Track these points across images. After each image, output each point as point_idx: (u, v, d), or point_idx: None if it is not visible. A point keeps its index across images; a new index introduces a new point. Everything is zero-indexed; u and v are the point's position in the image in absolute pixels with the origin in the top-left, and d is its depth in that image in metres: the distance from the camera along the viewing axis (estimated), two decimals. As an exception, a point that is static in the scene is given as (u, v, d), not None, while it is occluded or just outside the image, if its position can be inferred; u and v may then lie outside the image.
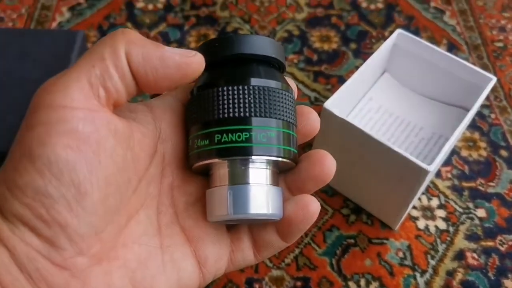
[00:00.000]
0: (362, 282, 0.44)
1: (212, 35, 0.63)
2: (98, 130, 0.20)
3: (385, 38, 0.64)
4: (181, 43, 0.62)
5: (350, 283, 0.44)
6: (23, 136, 0.19)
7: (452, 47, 0.64)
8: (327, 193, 0.49)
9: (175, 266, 0.23)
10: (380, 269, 0.45)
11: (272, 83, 0.23)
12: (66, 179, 0.19)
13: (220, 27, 0.64)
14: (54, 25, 0.62)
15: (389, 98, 0.54)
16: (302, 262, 0.45)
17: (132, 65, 0.21)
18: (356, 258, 0.45)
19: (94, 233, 0.20)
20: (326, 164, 0.24)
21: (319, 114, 0.28)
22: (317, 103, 0.57)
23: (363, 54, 0.62)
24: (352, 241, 0.46)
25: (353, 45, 0.63)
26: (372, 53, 0.48)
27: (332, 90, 0.58)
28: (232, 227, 0.26)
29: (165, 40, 0.62)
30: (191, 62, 0.22)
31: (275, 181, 0.24)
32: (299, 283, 0.43)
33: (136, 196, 0.23)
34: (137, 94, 0.22)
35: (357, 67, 0.60)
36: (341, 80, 0.59)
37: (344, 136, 0.43)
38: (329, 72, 0.60)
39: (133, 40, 0.21)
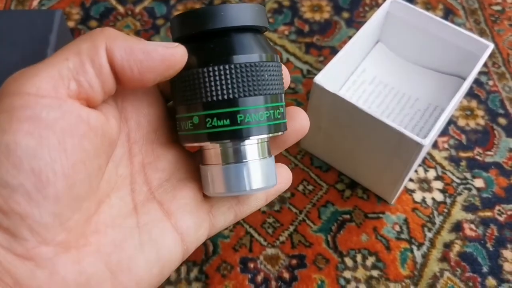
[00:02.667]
0: (359, 258, 0.43)
1: (200, 8, 0.61)
2: (65, 117, 0.19)
3: (379, 6, 0.62)
4: (167, 19, 0.60)
5: (346, 259, 0.43)
6: None
7: (449, 12, 0.62)
8: (321, 169, 0.48)
9: (154, 244, 0.23)
10: (376, 244, 0.44)
11: (255, 57, 0.22)
12: (25, 167, 0.18)
13: (208, 0, 0.62)
14: (35, 3, 0.59)
15: (383, 69, 0.52)
16: (297, 240, 0.44)
17: (115, 60, 0.20)
18: (352, 234, 0.44)
19: (58, 223, 0.19)
20: (304, 118, 0.26)
21: (309, 91, 0.27)
22: (309, 76, 0.55)
23: (356, 23, 0.60)
24: (347, 216, 0.46)
25: (345, 14, 0.61)
26: (365, 21, 0.47)
27: (325, 62, 0.56)
28: None
29: (151, 16, 0.60)
30: (175, 52, 0.21)
31: (268, 151, 0.24)
32: (294, 261, 0.43)
33: (106, 181, 0.22)
34: (114, 91, 0.21)
35: (350, 37, 0.58)
36: (334, 51, 0.57)
37: (336, 111, 0.42)
38: (321, 43, 0.58)
39: (114, 36, 0.20)
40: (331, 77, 0.43)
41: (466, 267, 0.43)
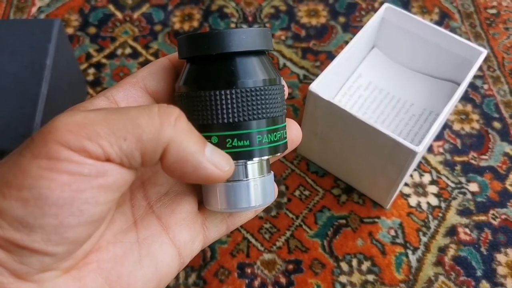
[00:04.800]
0: (354, 262, 0.44)
1: (197, 14, 0.61)
2: (105, 176, 0.19)
3: (375, 10, 0.62)
4: (165, 25, 0.60)
5: (342, 264, 0.44)
6: (24, 158, 0.18)
7: (444, 16, 0.62)
8: (317, 174, 0.49)
9: (153, 259, 0.23)
10: (371, 249, 0.45)
11: (260, 82, 0.23)
12: (51, 212, 0.18)
13: (205, 5, 0.62)
14: (34, 10, 0.60)
15: (379, 74, 0.53)
16: (294, 245, 0.45)
17: (165, 162, 0.20)
18: (347, 239, 0.45)
19: (69, 255, 0.19)
20: (297, 130, 0.27)
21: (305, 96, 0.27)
22: (305, 81, 0.56)
23: (352, 28, 0.61)
24: (343, 221, 0.46)
25: (342, 19, 0.62)
26: (362, 26, 0.47)
27: (321, 67, 0.57)
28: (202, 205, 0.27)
29: (149, 22, 0.60)
30: (220, 176, 0.21)
31: (267, 169, 0.25)
32: (290, 266, 0.43)
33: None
34: None
35: (346, 42, 0.59)
36: (330, 56, 0.58)
37: (331, 118, 0.42)
38: (317, 48, 0.59)
39: (179, 137, 0.20)
40: (327, 84, 0.43)
41: (460, 271, 0.44)
